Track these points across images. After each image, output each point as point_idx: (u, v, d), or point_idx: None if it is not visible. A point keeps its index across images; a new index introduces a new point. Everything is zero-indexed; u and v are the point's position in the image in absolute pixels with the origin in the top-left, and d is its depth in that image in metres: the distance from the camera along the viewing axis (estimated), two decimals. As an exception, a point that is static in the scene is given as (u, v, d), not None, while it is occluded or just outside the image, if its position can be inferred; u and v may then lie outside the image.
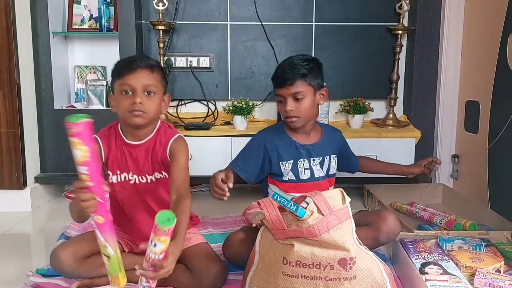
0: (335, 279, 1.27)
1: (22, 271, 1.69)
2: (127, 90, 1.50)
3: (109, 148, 1.59)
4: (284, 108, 1.75)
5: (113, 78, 1.55)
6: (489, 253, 1.67)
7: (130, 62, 1.51)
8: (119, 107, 1.52)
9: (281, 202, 1.31)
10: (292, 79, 1.71)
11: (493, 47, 2.21)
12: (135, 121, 1.51)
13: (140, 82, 1.49)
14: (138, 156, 1.59)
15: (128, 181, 1.60)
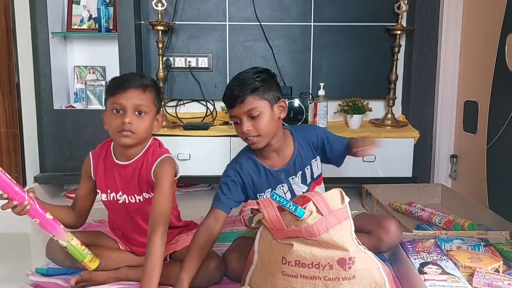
0: (334, 279, 1.27)
1: (21, 270, 1.69)
2: (118, 109, 1.48)
3: (97, 168, 1.61)
4: (241, 129, 1.57)
5: (106, 96, 1.54)
6: (488, 253, 1.67)
7: (123, 81, 1.49)
8: (110, 126, 1.51)
9: (280, 202, 1.31)
10: (242, 96, 1.54)
11: (491, 47, 2.22)
12: (123, 141, 1.49)
13: (131, 101, 1.47)
14: (127, 176, 1.57)
15: (116, 201, 1.60)
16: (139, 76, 1.54)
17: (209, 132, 2.58)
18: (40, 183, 2.57)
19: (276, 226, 1.32)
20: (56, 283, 1.58)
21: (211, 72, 2.83)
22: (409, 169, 2.61)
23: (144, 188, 1.56)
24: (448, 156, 2.72)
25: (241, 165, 1.65)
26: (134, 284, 1.59)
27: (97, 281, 1.56)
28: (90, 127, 2.59)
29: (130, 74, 1.54)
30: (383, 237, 1.56)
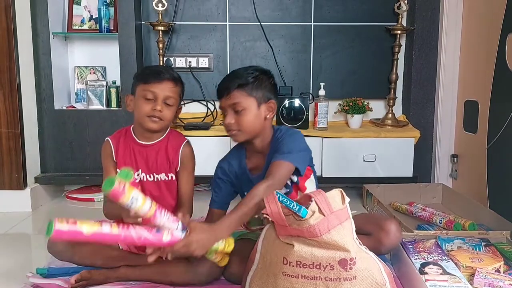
0: (335, 280, 1.27)
1: (22, 271, 1.69)
2: (150, 97, 1.60)
3: (118, 149, 1.68)
4: (224, 121, 1.60)
5: (137, 82, 1.64)
6: (489, 253, 1.67)
7: (159, 71, 1.62)
8: (138, 109, 1.62)
9: (283, 202, 1.31)
10: (229, 89, 1.56)
11: (491, 47, 2.22)
12: (151, 126, 1.62)
13: (164, 92, 1.60)
14: (148, 155, 1.68)
15: (134, 179, 1.66)
16: (171, 69, 1.69)
17: (210, 132, 2.58)
18: (41, 183, 2.57)
19: (279, 222, 1.32)
20: (56, 284, 1.58)
21: (212, 72, 2.83)
22: (410, 169, 2.61)
23: (164, 168, 1.68)
24: (449, 156, 2.72)
25: (229, 163, 1.71)
26: (135, 283, 1.59)
27: (96, 280, 1.57)
28: (91, 127, 2.59)
29: (163, 66, 1.72)
30: (384, 240, 1.52)
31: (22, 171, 2.43)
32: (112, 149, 1.69)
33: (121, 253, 1.67)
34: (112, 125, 2.60)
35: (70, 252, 1.59)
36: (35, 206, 2.50)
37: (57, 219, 1.19)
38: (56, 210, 2.56)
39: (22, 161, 2.42)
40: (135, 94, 1.64)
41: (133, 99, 1.65)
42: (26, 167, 2.46)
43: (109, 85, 2.74)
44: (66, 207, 2.60)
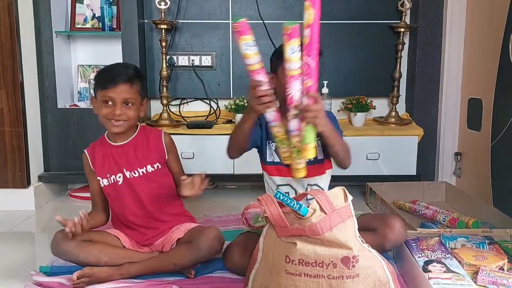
0: (338, 277, 1.27)
1: (25, 269, 1.70)
2: (108, 101, 1.64)
3: (94, 158, 1.74)
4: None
5: (96, 86, 1.68)
6: (493, 251, 1.67)
7: (113, 76, 1.64)
8: (99, 114, 1.68)
9: (284, 201, 1.31)
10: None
11: (495, 44, 2.21)
12: (114, 130, 1.67)
13: (120, 95, 1.63)
14: (127, 153, 1.72)
15: (116, 182, 1.72)
16: (124, 67, 1.72)
17: (213, 131, 2.58)
18: (44, 182, 2.58)
19: (280, 224, 1.32)
20: (59, 282, 1.58)
21: (215, 71, 2.83)
22: (413, 167, 2.60)
23: (146, 161, 1.72)
24: (452, 154, 2.72)
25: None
26: (138, 280, 1.59)
27: (99, 277, 1.57)
28: (94, 126, 2.59)
29: (117, 66, 1.72)
30: (388, 234, 1.57)
31: (26, 170, 2.43)
32: (88, 160, 1.76)
33: (125, 251, 1.68)
34: (115, 124, 2.60)
35: (75, 252, 1.60)
36: (38, 205, 2.51)
37: None
38: (59, 208, 2.56)
39: (25, 160, 2.42)
40: (96, 98, 1.68)
41: (95, 102, 1.69)
42: (30, 165, 2.47)
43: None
44: (69, 206, 2.60)
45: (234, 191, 2.88)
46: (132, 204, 1.73)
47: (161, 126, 2.59)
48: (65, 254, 1.62)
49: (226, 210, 2.37)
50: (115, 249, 1.66)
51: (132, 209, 1.73)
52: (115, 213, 1.77)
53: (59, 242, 1.61)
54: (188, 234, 1.68)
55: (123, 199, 1.72)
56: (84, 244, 1.62)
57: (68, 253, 1.61)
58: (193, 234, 1.66)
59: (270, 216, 1.33)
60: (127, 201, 1.72)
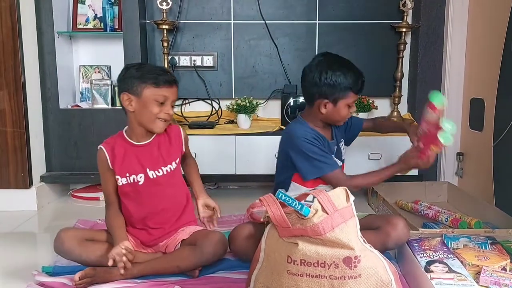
0: (340, 278, 1.27)
1: (28, 269, 1.70)
2: (161, 100, 1.63)
3: (114, 156, 1.69)
4: (349, 110, 1.82)
5: (146, 83, 1.62)
6: (495, 251, 1.67)
7: (169, 77, 1.65)
8: (148, 112, 1.63)
9: (286, 201, 1.31)
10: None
11: (497, 44, 2.20)
12: (161, 128, 1.68)
13: (173, 96, 1.66)
14: (151, 152, 1.71)
15: (136, 182, 1.69)
16: (169, 70, 1.75)
17: (215, 131, 2.58)
18: (46, 182, 2.58)
19: (282, 224, 1.32)
20: (61, 282, 1.58)
21: (216, 71, 2.83)
22: (415, 167, 2.59)
23: (170, 159, 1.72)
24: (455, 154, 2.71)
25: (312, 132, 1.82)
26: (140, 280, 1.59)
27: (101, 277, 1.57)
28: (96, 126, 2.60)
29: (164, 69, 1.72)
30: (391, 232, 1.60)
31: (28, 170, 2.43)
32: (107, 157, 1.69)
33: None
34: (117, 124, 2.58)
35: (78, 251, 1.61)
36: (40, 205, 2.51)
37: None
38: (61, 209, 2.57)
39: (27, 160, 2.42)
40: (139, 95, 1.62)
41: (133, 100, 1.63)
42: (32, 166, 2.47)
43: (113, 84, 2.74)
44: (71, 206, 2.60)
45: (236, 191, 2.88)
46: (151, 204, 1.71)
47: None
48: (67, 253, 1.62)
49: (228, 210, 2.36)
50: None
51: (150, 209, 1.71)
52: (128, 212, 1.73)
53: (62, 241, 1.61)
54: (193, 236, 1.68)
55: (142, 199, 1.70)
56: (87, 244, 1.63)
57: (70, 252, 1.62)
58: (198, 236, 1.66)
59: (272, 217, 1.33)
60: (146, 201, 1.70)
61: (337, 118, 1.83)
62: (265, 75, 2.84)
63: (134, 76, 1.63)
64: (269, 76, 2.84)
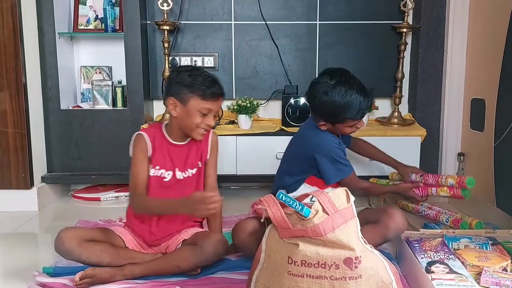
0: (341, 278, 1.27)
1: (29, 269, 1.70)
2: (205, 112, 1.66)
3: (154, 145, 1.71)
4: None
5: (191, 93, 1.64)
6: (496, 252, 1.66)
7: (217, 90, 1.66)
8: (189, 120, 1.67)
9: (287, 202, 1.31)
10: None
11: (498, 45, 2.20)
12: (200, 138, 1.71)
13: (217, 108, 1.70)
14: (183, 154, 1.74)
15: (162, 178, 1.72)
16: (218, 80, 1.70)
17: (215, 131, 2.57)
18: (47, 183, 2.58)
19: (282, 225, 1.32)
20: (62, 283, 1.58)
21: (217, 71, 2.83)
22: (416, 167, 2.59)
23: (195, 163, 1.76)
24: (455, 154, 2.71)
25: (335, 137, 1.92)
26: (141, 281, 1.59)
27: (101, 278, 1.57)
28: (97, 127, 2.60)
29: (215, 79, 1.68)
30: (389, 223, 1.63)
31: (29, 171, 2.44)
32: (147, 145, 1.71)
33: (127, 252, 1.67)
34: (118, 125, 2.61)
35: (78, 251, 1.60)
36: (41, 206, 2.51)
37: None
38: (62, 209, 2.57)
39: (28, 161, 2.43)
40: (184, 103, 1.65)
41: (178, 105, 1.66)
42: (33, 166, 2.47)
43: (114, 85, 2.75)
44: (72, 207, 2.61)
45: (237, 192, 2.88)
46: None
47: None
48: (67, 254, 1.62)
49: (229, 211, 2.36)
50: (118, 249, 1.66)
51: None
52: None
53: (62, 241, 1.60)
54: (194, 237, 1.69)
55: (161, 195, 1.71)
56: (87, 244, 1.62)
57: (70, 252, 1.61)
58: (199, 237, 1.66)
59: (272, 217, 1.33)
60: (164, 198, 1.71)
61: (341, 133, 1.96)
62: (266, 75, 2.84)
63: (184, 84, 1.64)
64: (270, 77, 2.84)
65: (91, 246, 1.62)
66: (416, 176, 2.12)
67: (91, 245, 1.62)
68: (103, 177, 2.65)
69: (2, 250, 2.01)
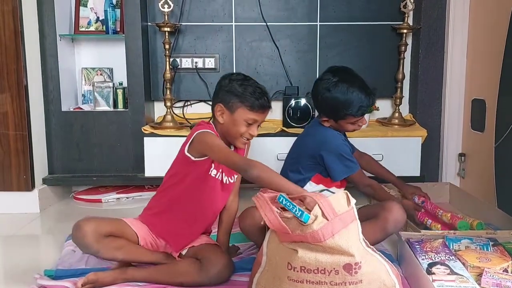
0: (341, 284, 1.26)
1: (30, 272, 1.70)
2: (250, 122, 1.66)
3: None
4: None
5: (239, 102, 1.65)
6: (497, 253, 1.66)
7: (265, 102, 1.66)
8: (234, 129, 1.67)
9: (286, 206, 1.31)
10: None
11: (498, 45, 2.20)
12: (241, 146, 1.72)
13: (262, 119, 1.70)
14: None
15: (221, 180, 1.73)
16: (266, 92, 1.70)
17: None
18: (48, 184, 2.59)
19: (281, 230, 1.32)
20: (64, 286, 1.58)
21: (218, 73, 2.83)
22: (417, 168, 2.60)
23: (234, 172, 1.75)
24: (456, 155, 2.71)
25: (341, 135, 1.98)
26: (142, 284, 1.59)
27: (103, 282, 1.56)
28: (98, 129, 2.61)
29: (265, 92, 1.68)
30: (388, 217, 1.67)
31: (30, 173, 2.44)
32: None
33: (138, 249, 1.65)
34: (119, 126, 2.61)
35: (96, 247, 1.53)
36: (43, 207, 2.52)
37: None
38: (64, 211, 2.57)
39: (29, 163, 2.43)
40: (232, 111, 1.65)
41: (225, 112, 1.67)
42: (34, 168, 2.48)
43: (115, 87, 2.75)
44: (74, 208, 2.61)
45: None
46: (216, 203, 1.75)
47: (165, 129, 2.59)
48: (85, 247, 1.55)
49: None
50: (131, 247, 1.63)
51: (213, 206, 1.75)
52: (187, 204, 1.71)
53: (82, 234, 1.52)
54: (201, 249, 1.67)
55: (213, 196, 1.72)
56: (105, 241, 1.55)
57: (89, 247, 1.54)
58: (205, 253, 1.64)
59: (269, 224, 1.32)
60: (214, 198, 1.73)
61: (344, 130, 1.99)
62: (267, 76, 2.84)
63: (235, 93, 1.65)
64: (271, 78, 2.84)
65: (108, 242, 1.56)
66: (418, 201, 2.15)
67: (108, 242, 1.56)
68: (104, 179, 2.65)
69: (3, 252, 2.01)
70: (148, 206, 1.78)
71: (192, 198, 1.70)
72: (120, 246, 1.59)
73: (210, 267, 1.57)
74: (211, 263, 1.58)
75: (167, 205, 1.72)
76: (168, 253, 1.71)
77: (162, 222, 1.71)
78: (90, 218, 1.60)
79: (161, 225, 1.71)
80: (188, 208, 1.71)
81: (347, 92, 1.84)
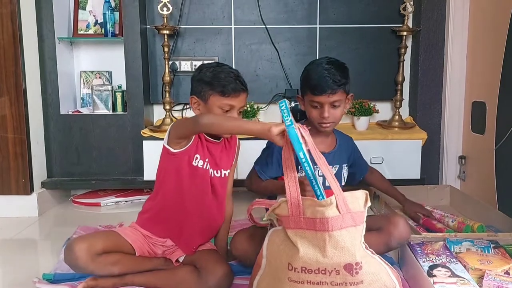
0: (342, 284, 1.25)
1: (29, 276, 1.69)
2: (227, 109, 1.61)
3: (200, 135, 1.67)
4: (322, 114, 1.77)
5: (213, 91, 1.60)
6: (498, 255, 1.66)
7: (238, 85, 1.61)
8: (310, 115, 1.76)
9: (308, 175, 1.32)
10: (334, 89, 1.74)
11: (498, 47, 2.20)
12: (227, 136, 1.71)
13: (240, 104, 1.63)
14: (215, 152, 1.69)
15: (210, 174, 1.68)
16: (239, 75, 1.66)
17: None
18: (47, 188, 2.58)
19: (294, 211, 1.30)
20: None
21: (217, 76, 2.82)
22: (417, 171, 2.59)
23: (227, 165, 1.74)
24: (457, 157, 2.70)
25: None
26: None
27: (103, 287, 1.56)
28: (96, 132, 2.60)
29: (237, 75, 1.64)
30: (392, 231, 1.62)
31: (29, 176, 2.43)
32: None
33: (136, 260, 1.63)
34: (118, 129, 2.61)
35: (91, 267, 1.50)
36: (41, 211, 2.51)
37: None
38: (62, 215, 2.56)
39: (28, 166, 2.43)
40: (205, 101, 1.61)
41: (200, 103, 1.64)
42: (33, 172, 2.47)
43: (114, 90, 2.75)
44: (72, 212, 2.60)
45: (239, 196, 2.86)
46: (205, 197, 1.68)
47: (164, 132, 2.58)
48: (80, 269, 1.51)
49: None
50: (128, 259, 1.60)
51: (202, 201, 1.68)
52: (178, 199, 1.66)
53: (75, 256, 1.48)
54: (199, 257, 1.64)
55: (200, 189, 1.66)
56: (99, 259, 1.51)
57: (84, 268, 1.51)
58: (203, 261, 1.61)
59: (288, 197, 1.30)
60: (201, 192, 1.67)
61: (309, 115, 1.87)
62: (266, 79, 2.83)
63: (204, 81, 1.62)
64: (270, 81, 2.83)
65: (103, 259, 1.52)
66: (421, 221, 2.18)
67: (103, 259, 1.52)
68: (103, 182, 2.65)
69: (2, 256, 2.00)
70: (143, 210, 1.75)
71: (182, 192, 1.65)
72: (115, 261, 1.56)
73: (209, 277, 1.54)
74: (209, 272, 1.55)
75: (161, 204, 1.69)
76: (167, 258, 1.69)
77: (160, 222, 1.69)
78: (82, 237, 1.58)
79: (161, 226, 1.69)
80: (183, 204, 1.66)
81: (311, 67, 1.85)
